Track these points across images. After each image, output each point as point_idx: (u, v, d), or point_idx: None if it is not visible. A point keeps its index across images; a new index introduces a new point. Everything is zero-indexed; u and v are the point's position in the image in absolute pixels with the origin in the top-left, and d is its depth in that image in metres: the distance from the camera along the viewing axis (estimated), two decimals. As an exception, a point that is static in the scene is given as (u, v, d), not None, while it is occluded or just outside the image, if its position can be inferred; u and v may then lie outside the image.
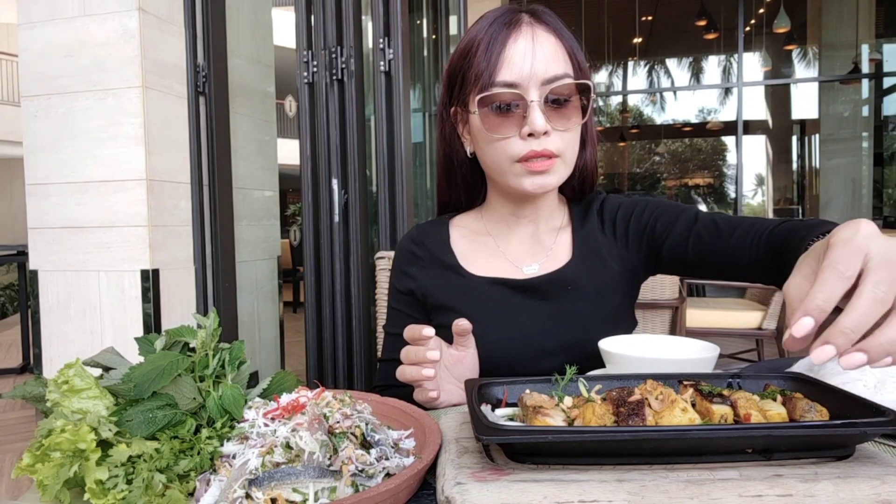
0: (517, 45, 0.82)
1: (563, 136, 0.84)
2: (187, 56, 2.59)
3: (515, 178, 0.86)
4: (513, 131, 0.83)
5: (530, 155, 0.82)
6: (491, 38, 0.83)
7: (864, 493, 0.43)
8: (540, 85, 0.82)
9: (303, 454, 0.49)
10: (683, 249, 0.88)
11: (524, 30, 0.83)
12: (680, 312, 2.31)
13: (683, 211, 0.92)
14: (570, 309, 0.91)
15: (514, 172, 0.85)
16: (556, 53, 0.83)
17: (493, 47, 0.82)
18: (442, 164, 0.99)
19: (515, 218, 0.96)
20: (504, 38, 0.83)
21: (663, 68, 16.80)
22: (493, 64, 0.82)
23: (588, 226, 0.96)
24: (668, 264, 0.93)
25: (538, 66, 0.81)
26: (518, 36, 0.83)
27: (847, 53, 8.92)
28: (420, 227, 1.03)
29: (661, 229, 0.92)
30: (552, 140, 0.83)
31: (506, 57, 0.82)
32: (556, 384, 0.61)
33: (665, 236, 0.91)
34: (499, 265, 0.95)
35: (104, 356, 0.63)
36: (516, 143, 0.83)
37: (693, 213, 0.91)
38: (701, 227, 0.87)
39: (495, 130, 0.83)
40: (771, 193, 16.33)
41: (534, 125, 0.81)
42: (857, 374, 0.70)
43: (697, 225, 0.88)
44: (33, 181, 2.51)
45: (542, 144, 0.82)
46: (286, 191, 15.38)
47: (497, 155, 0.86)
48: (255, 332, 3.11)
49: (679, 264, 0.91)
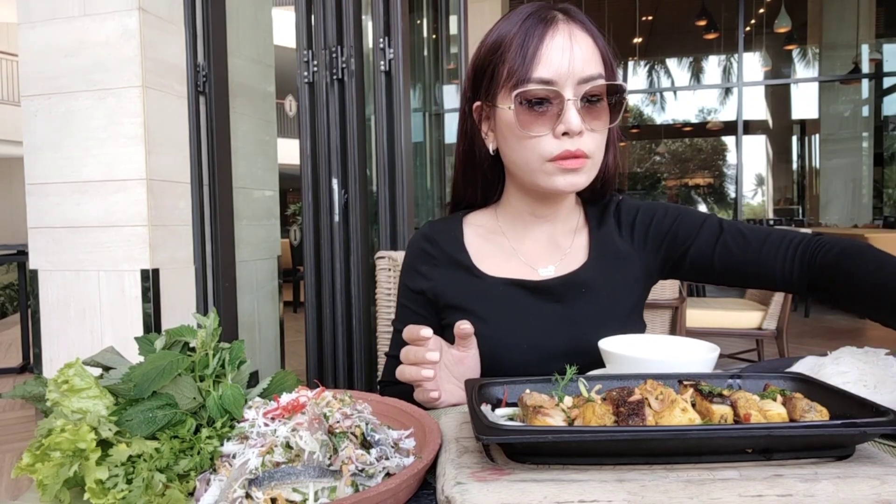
0: (555, 42, 0.81)
1: (595, 137, 0.84)
2: (187, 56, 2.59)
3: (546, 177, 0.84)
4: (546, 129, 0.82)
5: (565, 154, 0.82)
6: (526, 33, 0.82)
7: (864, 493, 0.43)
8: (576, 84, 0.81)
9: (303, 454, 0.49)
10: (709, 258, 0.91)
11: (561, 27, 0.82)
12: (680, 312, 2.31)
13: (707, 219, 0.94)
14: (584, 311, 0.90)
15: (545, 171, 0.84)
16: (592, 53, 0.83)
17: (529, 43, 0.81)
18: (461, 159, 0.97)
19: (534, 217, 0.95)
20: (541, 34, 0.81)
21: (663, 68, 16.80)
22: (529, 60, 0.81)
23: (605, 228, 0.96)
24: (690, 271, 0.94)
25: (576, 64, 0.80)
26: (555, 33, 0.81)
27: (847, 53, 8.91)
28: (432, 224, 1.01)
29: (685, 236, 0.93)
30: (585, 140, 0.82)
31: (543, 53, 0.81)
32: (556, 384, 0.61)
33: (689, 243, 0.92)
34: (514, 266, 0.94)
35: (104, 356, 0.63)
36: (549, 142, 0.82)
37: (717, 222, 0.93)
38: (728, 237, 0.90)
39: (528, 128, 0.82)
40: (771, 193, 16.32)
41: (570, 124, 0.80)
42: (857, 374, 0.70)
43: (724, 235, 0.90)
44: (33, 181, 2.51)
45: (576, 144, 0.81)
46: (286, 191, 15.39)
47: (528, 153, 0.84)
48: (255, 332, 3.11)
49: (702, 272, 0.93)
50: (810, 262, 0.85)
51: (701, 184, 19.55)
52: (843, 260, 0.81)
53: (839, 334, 5.45)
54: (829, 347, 0.81)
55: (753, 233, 0.90)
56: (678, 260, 0.94)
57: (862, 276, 0.78)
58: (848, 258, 0.81)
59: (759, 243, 0.88)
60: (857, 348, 0.77)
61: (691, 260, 0.92)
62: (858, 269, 0.79)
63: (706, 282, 0.97)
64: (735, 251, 0.89)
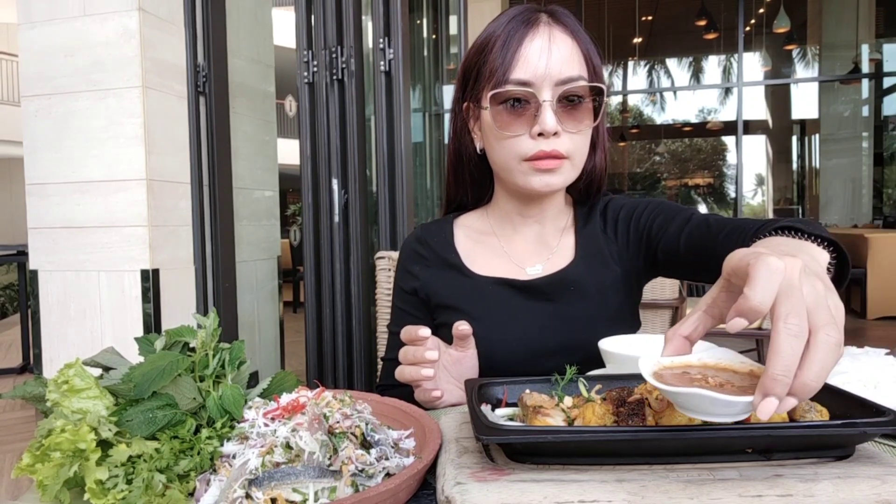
0: (533, 44, 0.82)
1: (574, 138, 0.84)
2: (187, 56, 2.59)
3: (522, 177, 0.85)
4: (523, 130, 0.83)
5: (539, 155, 0.82)
6: (508, 35, 0.83)
7: (864, 493, 0.43)
8: (553, 85, 0.81)
9: (303, 454, 0.49)
10: (675, 249, 0.86)
11: (542, 29, 0.83)
12: (680, 312, 2.31)
13: (680, 212, 0.90)
14: (572, 309, 0.91)
15: (521, 171, 0.85)
16: (571, 55, 0.83)
17: (509, 44, 0.82)
18: (451, 159, 0.99)
19: (522, 217, 0.96)
20: (521, 36, 0.83)
21: (663, 68, 16.80)
22: (508, 61, 0.82)
23: (590, 227, 0.96)
24: (664, 265, 0.91)
25: (553, 66, 0.81)
26: (535, 35, 0.83)
27: (847, 53, 8.91)
28: (425, 226, 1.03)
29: (657, 229, 0.90)
30: (562, 141, 0.82)
31: (521, 55, 0.82)
32: (556, 384, 0.61)
33: (660, 236, 0.89)
34: (502, 265, 0.95)
35: (104, 356, 0.63)
36: (526, 142, 0.83)
37: (688, 214, 0.88)
38: (693, 227, 0.85)
39: (506, 128, 0.83)
40: (771, 193, 16.32)
41: (544, 125, 0.81)
42: (857, 374, 0.70)
43: (690, 224, 0.86)
44: (33, 181, 2.51)
45: (552, 145, 0.82)
46: (286, 191, 15.38)
47: (505, 153, 0.86)
48: (255, 332, 3.11)
49: (673, 265, 0.89)
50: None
51: (701, 184, 19.55)
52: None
53: (839, 334, 5.44)
54: (830, 347, 0.81)
55: (718, 223, 0.82)
56: (654, 254, 0.91)
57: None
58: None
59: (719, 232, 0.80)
60: (857, 348, 0.77)
61: (663, 252, 0.89)
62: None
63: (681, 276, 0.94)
64: (698, 241, 0.83)
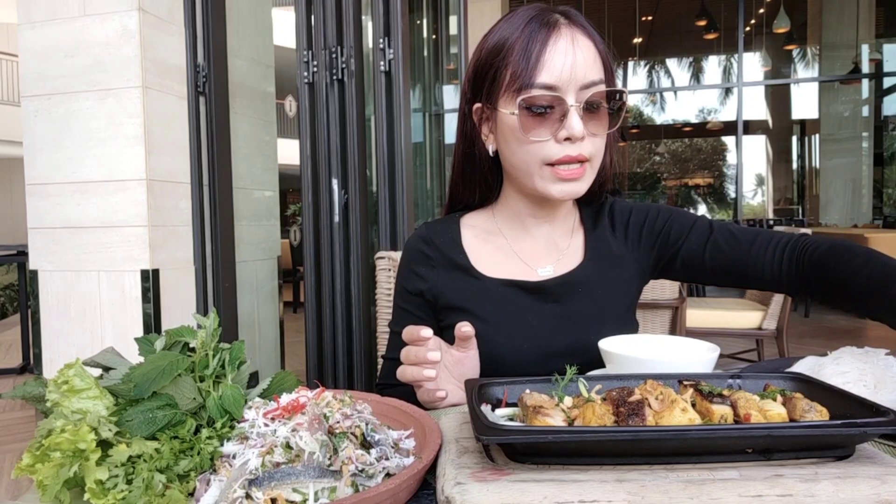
0: (558, 47, 0.81)
1: (595, 142, 0.84)
2: (187, 56, 2.59)
3: (542, 182, 0.85)
4: (548, 134, 0.82)
5: (565, 159, 0.82)
6: (529, 37, 0.82)
7: (864, 493, 0.43)
8: (578, 90, 0.81)
9: (303, 454, 0.49)
10: (700, 257, 0.92)
11: (563, 32, 0.82)
12: (680, 312, 2.31)
13: (697, 219, 0.96)
14: (581, 311, 0.91)
15: (542, 175, 0.85)
16: (594, 58, 0.83)
17: (532, 47, 0.81)
18: (460, 160, 0.98)
19: (533, 219, 0.95)
20: (544, 38, 0.82)
21: (663, 68, 16.81)
22: (532, 65, 0.81)
23: (600, 229, 0.97)
24: (681, 270, 0.96)
25: (578, 70, 0.81)
26: (558, 38, 0.82)
27: (847, 53, 8.91)
28: (429, 225, 1.01)
29: (676, 236, 0.94)
30: (586, 145, 0.83)
31: (546, 59, 0.81)
32: (556, 384, 0.61)
33: (680, 243, 0.94)
34: (513, 267, 0.94)
35: (104, 356, 0.63)
36: (551, 147, 0.83)
37: (708, 223, 0.95)
38: (718, 236, 0.92)
39: (531, 132, 0.83)
40: (771, 193, 16.32)
41: (572, 130, 0.81)
42: (857, 374, 0.70)
43: (714, 234, 0.92)
44: (33, 181, 2.51)
45: (578, 149, 0.82)
46: (286, 191, 15.38)
47: (528, 157, 0.85)
48: (255, 332, 3.11)
49: (694, 272, 0.95)
50: (798, 260, 0.87)
51: (701, 184, 19.54)
52: (829, 258, 0.83)
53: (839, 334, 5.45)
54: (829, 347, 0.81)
55: (743, 233, 0.92)
56: (670, 260, 0.96)
57: (848, 273, 0.79)
58: (835, 255, 0.82)
59: (749, 243, 0.90)
60: (857, 348, 0.77)
61: (682, 260, 0.94)
62: (845, 266, 0.80)
63: (698, 281, 0.99)
64: (725, 250, 0.91)
